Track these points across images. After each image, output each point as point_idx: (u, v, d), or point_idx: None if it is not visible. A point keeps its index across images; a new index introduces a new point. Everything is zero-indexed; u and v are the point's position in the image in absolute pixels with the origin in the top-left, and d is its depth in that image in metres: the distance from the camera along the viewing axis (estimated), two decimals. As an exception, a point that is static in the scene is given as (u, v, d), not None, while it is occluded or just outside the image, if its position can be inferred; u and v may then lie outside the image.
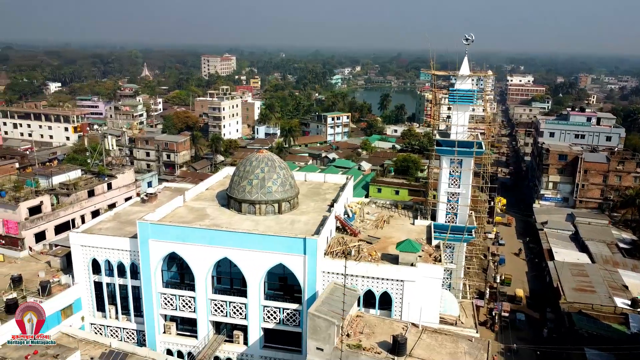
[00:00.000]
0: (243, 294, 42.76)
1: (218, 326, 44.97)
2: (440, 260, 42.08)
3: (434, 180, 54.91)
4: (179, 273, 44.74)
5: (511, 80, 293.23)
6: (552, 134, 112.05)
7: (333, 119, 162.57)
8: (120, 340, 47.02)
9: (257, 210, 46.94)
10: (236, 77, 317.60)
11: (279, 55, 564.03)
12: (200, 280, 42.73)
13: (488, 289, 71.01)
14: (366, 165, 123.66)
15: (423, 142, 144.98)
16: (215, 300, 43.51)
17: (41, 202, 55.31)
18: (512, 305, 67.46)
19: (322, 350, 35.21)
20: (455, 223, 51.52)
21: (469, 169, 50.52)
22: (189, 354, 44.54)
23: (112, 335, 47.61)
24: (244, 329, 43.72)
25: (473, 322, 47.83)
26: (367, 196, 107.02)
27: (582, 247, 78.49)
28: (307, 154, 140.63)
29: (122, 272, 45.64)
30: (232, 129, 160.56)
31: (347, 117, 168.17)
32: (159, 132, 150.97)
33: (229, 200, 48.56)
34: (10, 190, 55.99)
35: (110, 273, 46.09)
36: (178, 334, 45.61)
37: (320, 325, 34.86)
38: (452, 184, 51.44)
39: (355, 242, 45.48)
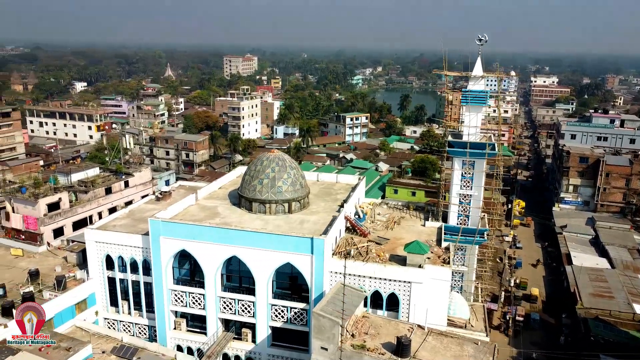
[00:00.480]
0: (252, 292, 43.13)
1: (227, 324, 45.46)
2: (448, 263, 41.75)
3: (447, 182, 54.46)
4: (189, 270, 45.34)
5: (535, 81, 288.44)
6: (573, 136, 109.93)
7: (352, 119, 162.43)
8: (132, 335, 47.92)
9: (268, 210, 47.30)
10: (257, 77, 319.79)
11: (301, 55, 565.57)
12: (210, 278, 43.27)
13: (503, 293, 70.14)
14: (384, 166, 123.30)
15: (442, 144, 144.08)
16: (224, 297, 44.01)
17: (59, 198, 56.67)
18: (527, 304, 67.60)
19: (326, 349, 35.35)
20: (467, 225, 51.03)
21: (481, 171, 49.97)
22: (199, 350, 45.11)
23: (124, 330, 48.53)
24: (252, 327, 44.11)
25: (483, 326, 47.26)
26: (383, 197, 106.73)
27: (602, 252, 76.90)
28: (324, 154, 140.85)
29: (134, 268, 46.51)
30: (251, 128, 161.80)
31: (366, 118, 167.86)
32: (180, 132, 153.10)
33: (240, 199, 49.05)
34: (30, 187, 57.54)
35: (123, 269, 47.00)
36: (188, 331, 46.26)
37: (324, 324, 35.00)
38: (464, 186, 50.98)
39: (364, 243, 45.46)
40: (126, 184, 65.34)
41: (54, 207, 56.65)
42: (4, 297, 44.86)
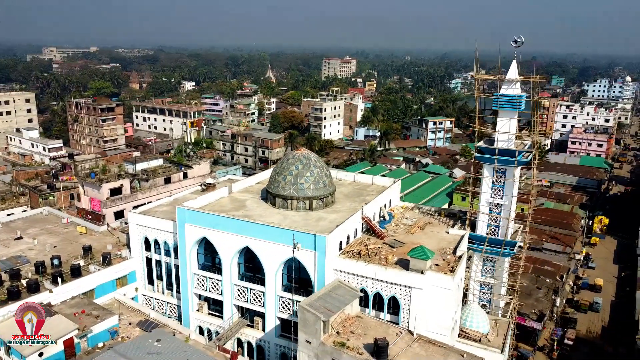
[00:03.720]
0: (263, 282, 45.14)
1: (243, 311, 47.93)
2: (453, 271, 40.41)
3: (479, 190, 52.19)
4: (211, 257, 48.50)
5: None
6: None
7: (435, 123, 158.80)
8: (165, 312, 52.32)
9: (289, 205, 49.02)
10: (353, 79, 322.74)
11: (405, 58, 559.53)
12: (226, 266, 46.02)
13: (555, 313, 65.53)
14: (459, 173, 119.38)
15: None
16: (238, 285, 46.54)
17: (121, 185, 63.15)
18: (591, 293, 72.82)
19: (310, 343, 36.30)
20: (497, 236, 48.66)
21: (513, 179, 47.35)
22: (216, 332, 48.10)
23: (158, 307, 53.10)
24: (263, 316, 46.13)
25: (502, 342, 44.98)
26: (450, 204, 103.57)
27: (685, 280, 68.54)
28: (401, 158, 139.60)
29: (167, 251, 50.75)
30: (332, 129, 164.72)
31: (451, 122, 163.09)
32: (266, 130, 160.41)
33: (267, 194, 51.33)
34: (99, 173, 64.80)
35: (158, 251, 51.48)
36: (209, 314, 49.47)
37: (309, 319, 35.97)
38: (494, 194, 48.64)
39: (378, 245, 45.44)
40: (185, 175, 70.75)
41: (116, 192, 63.20)
42: (59, 267, 51.37)
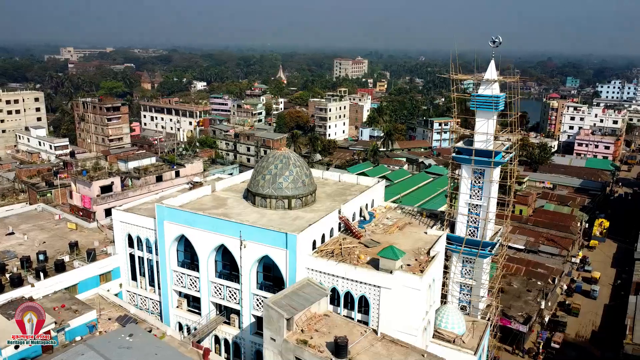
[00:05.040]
0: (239, 280, 45.55)
1: (220, 308, 48.42)
2: (423, 271, 40.34)
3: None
4: (190, 254, 49.08)
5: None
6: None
7: (440, 124, 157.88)
8: (148, 309, 53.06)
9: (268, 204, 49.40)
10: (364, 80, 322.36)
11: (418, 59, 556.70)
12: (203, 263, 46.57)
13: (542, 316, 64.92)
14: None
15: (532, 154, 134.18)
16: (215, 283, 47.05)
17: (112, 182, 64.14)
18: (588, 285, 75.03)
19: (274, 340, 36.62)
20: (476, 237, 48.41)
21: (491, 181, 47.04)
22: (194, 329, 48.66)
23: (142, 303, 53.85)
24: (239, 313, 46.55)
25: (476, 344, 44.74)
26: (451, 206, 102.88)
27: (683, 286, 67.25)
28: (404, 159, 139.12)
29: (149, 248, 51.48)
30: (338, 129, 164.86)
31: (457, 123, 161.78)
32: (272, 130, 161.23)
33: (248, 193, 51.79)
34: (91, 170, 65.99)
35: (141, 248, 52.24)
36: (188, 310, 50.05)
37: (272, 316, 36.31)
38: (473, 195, 48.39)
39: (353, 244, 45.56)
40: (177, 174, 71.60)
41: (107, 189, 64.23)
42: (45, 262, 52.45)
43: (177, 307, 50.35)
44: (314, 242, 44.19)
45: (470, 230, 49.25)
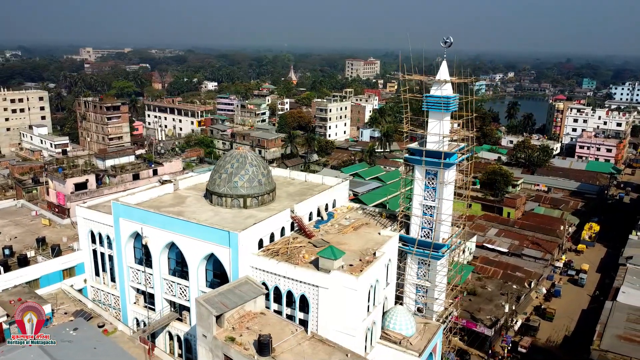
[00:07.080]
0: (188, 277, 46.02)
1: (174, 305, 48.95)
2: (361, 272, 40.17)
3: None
4: (146, 251, 49.71)
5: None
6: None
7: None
8: (110, 304, 53.90)
9: (224, 203, 49.77)
10: (374, 80, 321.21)
11: (435, 59, 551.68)
12: (156, 260, 47.16)
13: (513, 320, 64.04)
14: (458, 176, 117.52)
15: (532, 156, 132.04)
16: (167, 279, 47.60)
17: (87, 180, 65.28)
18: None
19: (205, 337, 36.93)
20: (431, 238, 48.04)
21: (444, 182, 46.65)
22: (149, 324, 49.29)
23: (104, 298, 54.72)
24: (189, 310, 46.99)
25: (423, 346, 44.38)
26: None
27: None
28: (401, 160, 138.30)
29: (110, 244, 52.30)
30: (339, 130, 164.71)
31: (458, 125, 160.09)
32: (273, 130, 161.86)
33: (206, 191, 52.25)
34: (67, 168, 67.31)
35: (102, 244, 53.13)
36: (145, 306, 50.70)
37: (203, 313, 36.63)
38: (427, 197, 48.04)
39: (302, 244, 45.64)
40: (154, 172, 72.53)
41: (81, 186, 65.40)
42: (11, 256, 53.74)
43: (135, 303, 51.07)
44: (261, 241, 44.41)
45: (425, 232, 48.94)
